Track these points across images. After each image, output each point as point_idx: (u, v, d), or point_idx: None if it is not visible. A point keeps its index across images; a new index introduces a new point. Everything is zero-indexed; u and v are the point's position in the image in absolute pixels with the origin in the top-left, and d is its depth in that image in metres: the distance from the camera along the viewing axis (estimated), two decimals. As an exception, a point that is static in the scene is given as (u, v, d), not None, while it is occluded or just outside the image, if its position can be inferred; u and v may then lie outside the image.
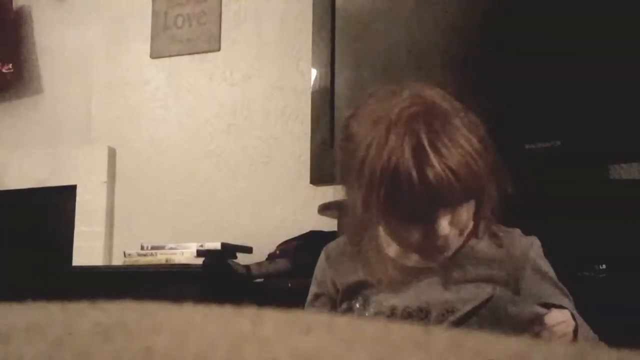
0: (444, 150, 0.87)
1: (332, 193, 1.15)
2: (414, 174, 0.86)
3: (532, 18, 1.57)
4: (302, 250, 1.74)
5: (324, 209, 1.78)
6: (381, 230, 1.04)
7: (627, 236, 1.32)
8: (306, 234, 1.84)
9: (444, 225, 0.91)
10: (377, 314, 0.99)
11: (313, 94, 1.87)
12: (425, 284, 0.99)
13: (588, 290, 1.04)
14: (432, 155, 0.86)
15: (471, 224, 0.96)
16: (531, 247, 1.00)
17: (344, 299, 1.05)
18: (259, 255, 1.90)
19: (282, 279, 1.73)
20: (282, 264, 1.78)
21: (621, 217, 1.32)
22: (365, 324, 0.27)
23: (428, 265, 1.00)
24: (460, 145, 0.88)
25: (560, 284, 1.00)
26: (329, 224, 1.83)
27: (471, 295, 0.96)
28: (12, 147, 2.56)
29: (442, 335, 0.25)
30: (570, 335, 0.87)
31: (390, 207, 0.92)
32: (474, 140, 0.90)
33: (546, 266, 1.00)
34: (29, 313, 0.27)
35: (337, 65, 1.80)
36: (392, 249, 1.04)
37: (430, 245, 0.95)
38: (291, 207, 2.08)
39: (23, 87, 2.57)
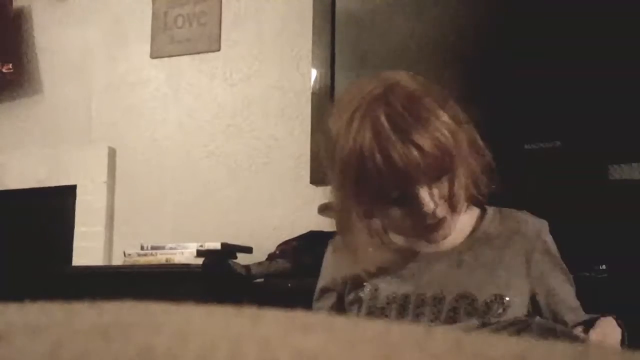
0: (406, 128, 0.86)
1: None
2: (378, 156, 0.86)
3: (533, 18, 1.57)
4: (302, 250, 1.74)
5: (324, 209, 1.78)
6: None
7: (627, 236, 1.33)
8: (306, 234, 1.84)
9: (426, 201, 0.90)
10: (390, 302, 0.97)
11: (313, 94, 1.87)
12: (438, 270, 0.98)
13: (588, 290, 1.04)
14: (393, 136, 0.86)
15: (464, 201, 0.96)
16: (542, 228, 1.00)
17: (352, 289, 1.04)
18: (259, 255, 1.90)
19: (282, 279, 1.73)
20: (282, 264, 1.78)
21: (621, 217, 1.32)
22: (365, 324, 0.27)
23: (439, 250, 0.99)
24: (428, 122, 0.87)
25: (564, 267, 1.00)
26: (329, 224, 1.82)
27: (485, 279, 0.95)
28: (12, 147, 2.56)
29: (442, 336, 0.25)
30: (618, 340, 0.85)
31: (365, 192, 0.92)
32: (445, 117, 0.89)
33: (554, 249, 1.00)
34: (29, 313, 0.27)
35: (337, 65, 1.80)
36: (395, 236, 1.04)
37: (421, 225, 0.94)
38: (291, 207, 2.08)
39: (23, 87, 2.57)
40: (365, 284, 1.01)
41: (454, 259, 0.98)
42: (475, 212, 1.03)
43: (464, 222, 1.01)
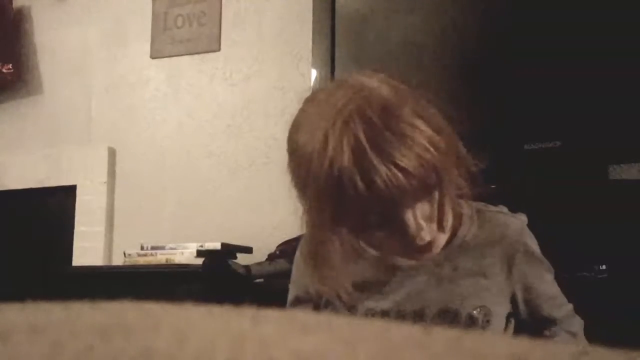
0: (389, 149, 0.77)
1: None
2: (359, 181, 0.77)
3: (532, 18, 1.57)
4: (302, 250, 1.74)
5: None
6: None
7: (627, 236, 1.33)
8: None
9: (411, 224, 0.83)
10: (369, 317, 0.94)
11: (313, 94, 1.87)
12: (417, 283, 0.93)
13: (588, 290, 1.04)
14: (374, 158, 0.77)
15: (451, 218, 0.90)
16: (523, 229, 0.96)
17: (328, 303, 0.99)
18: (259, 255, 1.90)
19: (282, 279, 1.72)
20: (282, 264, 1.78)
21: (621, 217, 1.32)
22: (366, 324, 0.27)
23: (418, 263, 0.94)
24: (410, 138, 0.78)
25: (543, 259, 0.98)
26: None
27: (467, 291, 0.92)
28: (12, 147, 2.56)
29: (442, 336, 0.25)
30: None
31: (344, 219, 0.84)
32: (426, 130, 0.80)
33: (534, 244, 0.97)
34: (29, 313, 0.27)
35: (337, 65, 1.80)
36: (366, 246, 0.98)
37: (410, 247, 0.88)
38: (291, 207, 2.07)
39: (23, 87, 2.57)
40: (342, 300, 0.95)
41: (433, 271, 0.93)
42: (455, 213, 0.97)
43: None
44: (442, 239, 0.93)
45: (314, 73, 1.87)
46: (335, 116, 0.80)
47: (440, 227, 0.88)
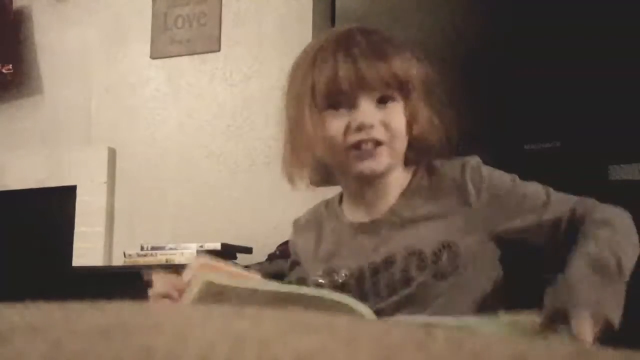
0: (365, 55, 0.93)
1: (332, 193, 1.15)
2: (340, 53, 0.93)
3: (532, 18, 1.57)
4: (302, 250, 1.74)
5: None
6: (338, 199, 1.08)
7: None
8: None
9: (365, 111, 0.94)
10: (348, 278, 0.99)
11: (313, 94, 1.87)
12: (383, 234, 0.98)
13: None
14: (346, 57, 0.92)
15: (404, 137, 0.97)
16: (466, 162, 0.98)
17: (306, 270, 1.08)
18: (259, 255, 1.90)
19: (282, 280, 1.72)
20: (281, 264, 1.78)
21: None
22: (365, 324, 0.27)
23: (380, 215, 1.00)
24: (398, 49, 0.95)
25: (504, 174, 0.98)
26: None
27: (427, 232, 0.95)
28: (12, 148, 2.56)
29: (442, 336, 0.25)
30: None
31: (312, 91, 0.96)
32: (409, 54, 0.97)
33: (485, 170, 0.97)
34: (29, 313, 0.27)
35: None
36: (348, 210, 1.05)
37: (368, 175, 0.96)
38: (291, 207, 2.07)
39: (23, 88, 2.57)
40: (325, 269, 1.03)
41: (394, 219, 0.98)
42: (409, 171, 1.03)
43: (399, 181, 1.01)
44: (392, 179, 1.00)
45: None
46: (323, 42, 0.97)
47: (392, 143, 0.96)
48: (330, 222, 1.08)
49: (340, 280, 1.00)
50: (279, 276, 1.75)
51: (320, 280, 1.02)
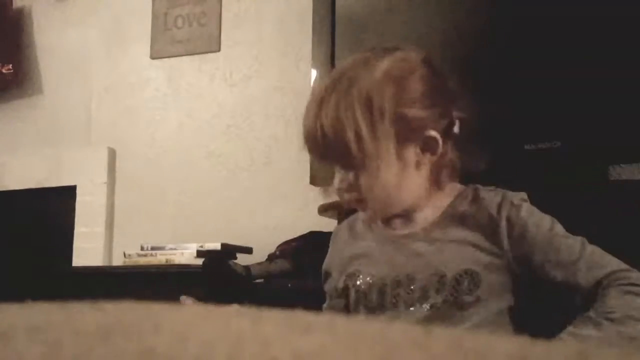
0: (324, 113, 0.93)
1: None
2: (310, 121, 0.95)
3: (533, 18, 1.57)
4: (302, 250, 1.74)
5: (324, 210, 1.78)
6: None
7: (627, 236, 1.32)
8: (306, 234, 1.84)
9: (335, 181, 0.98)
10: (371, 286, 1.00)
11: (313, 94, 1.87)
12: (412, 249, 0.99)
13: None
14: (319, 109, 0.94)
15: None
16: (502, 202, 0.96)
17: (339, 275, 1.08)
18: (259, 255, 1.90)
19: (282, 280, 1.72)
20: (281, 264, 1.78)
21: (621, 217, 1.32)
22: (366, 324, 0.27)
23: (414, 229, 1.01)
24: (354, 114, 0.92)
25: (546, 217, 0.96)
26: (328, 225, 1.83)
27: (453, 256, 0.95)
28: (12, 148, 2.56)
29: (442, 336, 0.25)
30: None
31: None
32: (386, 122, 0.93)
33: (527, 208, 0.96)
34: (29, 313, 0.27)
35: (337, 65, 1.80)
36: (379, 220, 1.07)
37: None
38: (291, 207, 2.08)
39: (23, 88, 2.57)
40: (351, 271, 1.04)
41: (426, 237, 0.99)
42: (455, 190, 1.03)
43: (442, 200, 1.01)
44: (431, 211, 1.01)
45: (314, 73, 1.87)
46: (335, 79, 0.97)
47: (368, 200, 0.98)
48: (362, 225, 1.09)
49: (362, 286, 1.01)
50: (279, 276, 1.75)
51: (347, 282, 1.03)
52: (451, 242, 0.97)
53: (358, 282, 1.01)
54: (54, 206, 2.44)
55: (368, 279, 1.01)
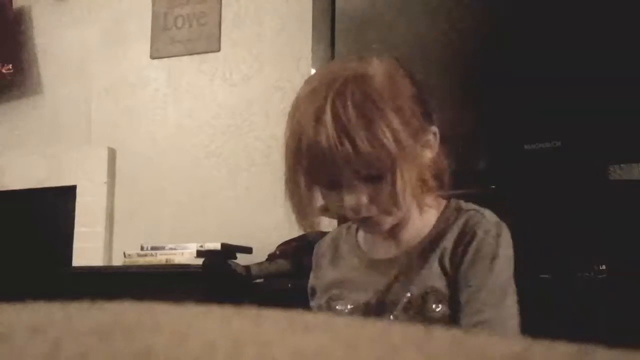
0: (348, 128, 0.85)
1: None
2: (311, 137, 0.88)
3: (533, 18, 1.57)
4: (302, 250, 1.74)
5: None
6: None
7: (627, 236, 1.32)
8: (306, 234, 1.84)
9: (347, 200, 0.91)
10: (354, 311, 0.98)
11: (313, 94, 1.87)
12: (395, 272, 0.97)
13: (588, 290, 1.04)
14: (330, 126, 0.86)
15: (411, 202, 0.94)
16: (489, 231, 0.93)
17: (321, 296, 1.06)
18: (259, 255, 1.90)
19: (282, 280, 1.73)
20: (281, 264, 1.78)
21: (621, 217, 1.32)
22: (366, 324, 0.27)
23: (398, 251, 0.99)
24: (373, 124, 0.85)
25: (499, 264, 0.92)
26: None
27: (422, 274, 0.94)
28: (12, 148, 2.56)
29: (442, 336, 0.25)
30: None
31: (300, 170, 0.92)
32: (395, 122, 0.86)
33: (490, 250, 0.92)
34: (29, 313, 0.27)
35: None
36: (364, 241, 1.05)
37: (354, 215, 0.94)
38: (291, 208, 2.07)
39: (23, 88, 2.57)
40: (335, 294, 1.02)
41: (409, 263, 0.97)
42: (440, 205, 1.00)
43: (428, 218, 0.99)
44: (413, 229, 0.98)
45: (313, 73, 1.87)
46: (324, 85, 0.91)
47: (387, 211, 0.93)
48: (346, 247, 1.07)
49: (345, 312, 0.99)
50: (278, 276, 1.75)
51: (325, 306, 1.02)
52: (427, 264, 0.95)
53: (340, 307, 1.00)
54: (54, 206, 2.45)
55: (349, 305, 1.00)
